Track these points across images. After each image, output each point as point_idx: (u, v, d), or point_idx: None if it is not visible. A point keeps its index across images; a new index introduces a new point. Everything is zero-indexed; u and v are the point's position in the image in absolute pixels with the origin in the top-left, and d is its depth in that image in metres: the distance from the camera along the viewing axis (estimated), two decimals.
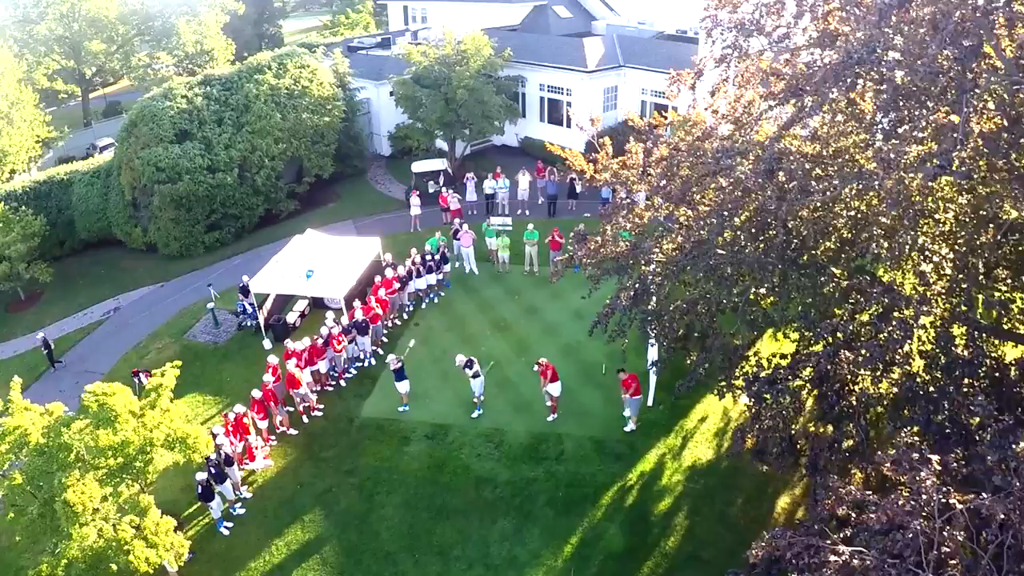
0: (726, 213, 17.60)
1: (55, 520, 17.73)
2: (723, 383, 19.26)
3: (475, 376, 24.89)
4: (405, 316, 31.58)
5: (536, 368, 24.41)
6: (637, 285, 20.08)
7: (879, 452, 13.92)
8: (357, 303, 28.70)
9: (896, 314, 15.55)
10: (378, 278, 30.45)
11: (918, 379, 16.07)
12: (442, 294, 32.94)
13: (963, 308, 16.61)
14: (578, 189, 38.29)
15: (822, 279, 17.78)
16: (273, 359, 26.05)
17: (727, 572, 13.97)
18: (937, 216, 17.51)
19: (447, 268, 33.62)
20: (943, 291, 16.53)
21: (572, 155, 24.10)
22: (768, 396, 17.28)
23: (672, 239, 20.03)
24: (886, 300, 16.15)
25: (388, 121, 48.92)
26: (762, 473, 20.95)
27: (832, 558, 11.65)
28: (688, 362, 20.38)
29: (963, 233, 16.89)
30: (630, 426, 24.01)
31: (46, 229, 38.04)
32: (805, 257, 18.29)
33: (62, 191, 40.50)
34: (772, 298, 18.73)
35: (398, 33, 57.40)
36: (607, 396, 25.24)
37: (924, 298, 15.75)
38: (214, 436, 22.01)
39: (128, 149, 37.91)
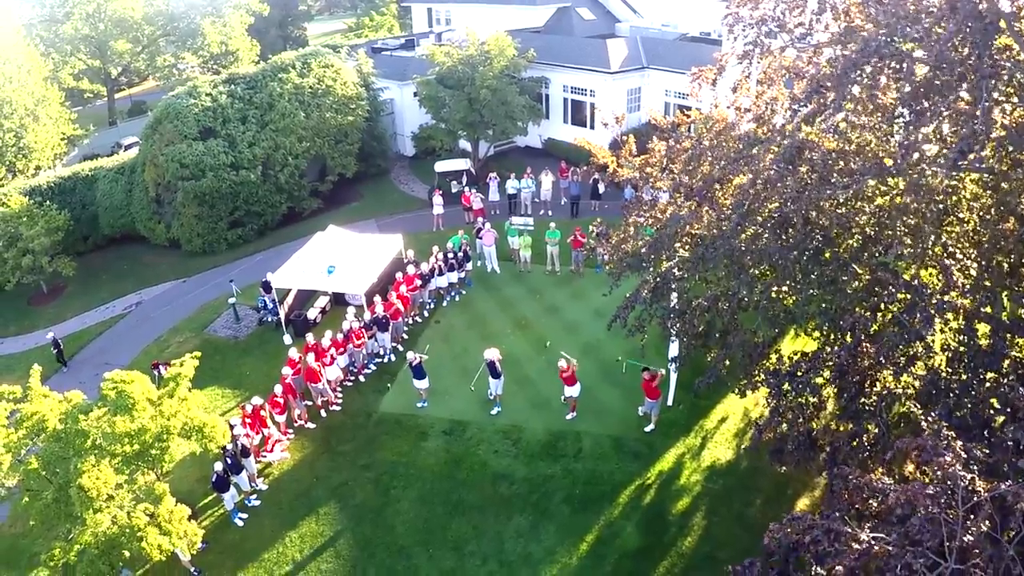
0: (747, 205, 17.29)
1: (69, 506, 17.65)
2: (744, 381, 18.96)
3: (495, 375, 24.73)
4: (426, 314, 31.44)
5: (562, 362, 23.94)
6: (658, 279, 19.83)
7: (901, 440, 13.58)
8: (378, 299, 28.59)
9: (919, 309, 15.24)
10: (399, 275, 30.35)
11: (941, 374, 15.73)
12: (463, 292, 32.79)
13: (988, 308, 16.29)
14: (601, 190, 38.00)
15: (844, 277, 17.45)
16: (293, 352, 25.97)
17: (744, 561, 13.58)
18: (961, 215, 17.22)
19: (469, 266, 33.46)
20: (967, 288, 16.18)
21: (596, 148, 23.94)
22: (788, 389, 16.96)
23: (693, 234, 19.77)
24: (908, 296, 15.86)
25: (412, 122, 48.87)
26: (781, 474, 20.61)
27: (853, 544, 11.34)
28: (708, 359, 20.12)
29: (987, 231, 16.55)
30: (650, 426, 23.71)
31: (70, 224, 38.10)
32: (827, 254, 17.97)
33: (86, 187, 40.61)
34: (794, 296, 18.42)
35: (422, 35, 57.41)
36: (626, 395, 24.97)
37: (947, 291, 15.44)
38: (231, 427, 21.95)
39: (152, 146, 38.03)
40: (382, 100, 48.00)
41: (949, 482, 11.21)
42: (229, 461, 21.54)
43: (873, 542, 11.37)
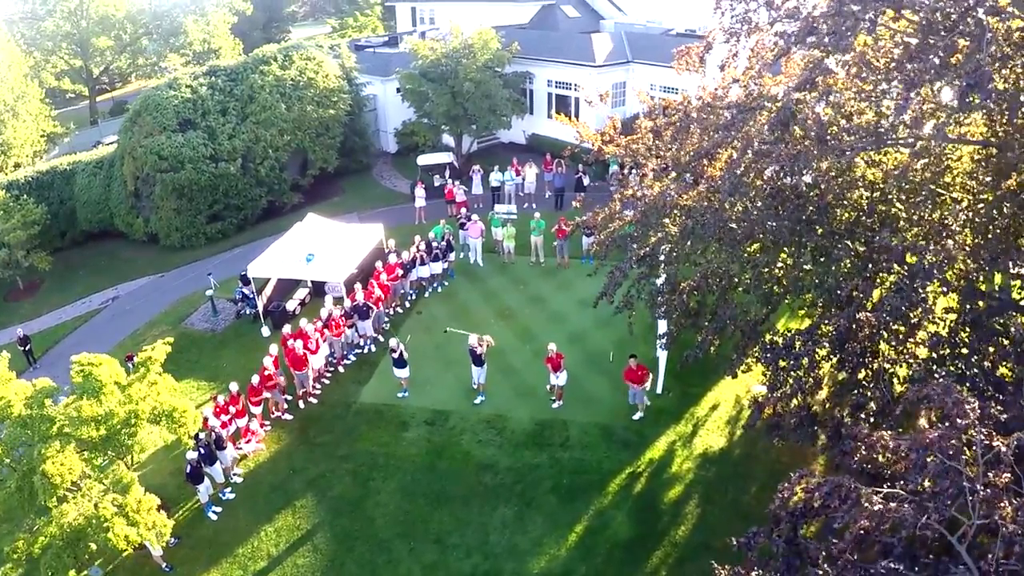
0: (739, 172, 16.20)
1: (33, 495, 16.35)
2: (735, 357, 17.88)
3: (478, 364, 23.57)
4: (407, 304, 30.23)
5: (552, 348, 22.84)
6: (646, 249, 18.76)
7: (911, 390, 12.47)
8: (358, 286, 27.37)
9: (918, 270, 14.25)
10: (380, 264, 29.10)
11: (947, 339, 14.74)
12: (446, 283, 31.60)
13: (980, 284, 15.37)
14: (585, 182, 36.89)
15: (839, 248, 16.42)
16: (274, 347, 24.69)
17: (748, 531, 12.42)
18: (955, 194, 16.33)
19: (452, 257, 32.28)
20: (967, 251, 15.23)
21: (581, 127, 22.94)
22: (785, 362, 15.85)
23: (683, 206, 18.68)
24: (904, 267, 14.89)
25: (394, 118, 47.62)
26: (777, 461, 19.61)
27: (866, 505, 10.18)
28: (699, 339, 18.99)
29: (982, 207, 15.65)
30: (638, 414, 22.56)
31: (47, 218, 36.83)
32: (820, 230, 16.94)
33: (64, 181, 39.30)
34: (787, 270, 17.38)
35: (406, 34, 56.24)
36: (614, 383, 23.75)
37: (945, 261, 14.44)
38: (206, 420, 20.70)
39: (131, 139, 36.71)
40: (365, 95, 46.70)
41: (966, 435, 10.12)
42: (203, 451, 20.23)
43: (888, 500, 10.22)
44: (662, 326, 21.28)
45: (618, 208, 21.36)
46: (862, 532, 10.48)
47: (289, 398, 24.53)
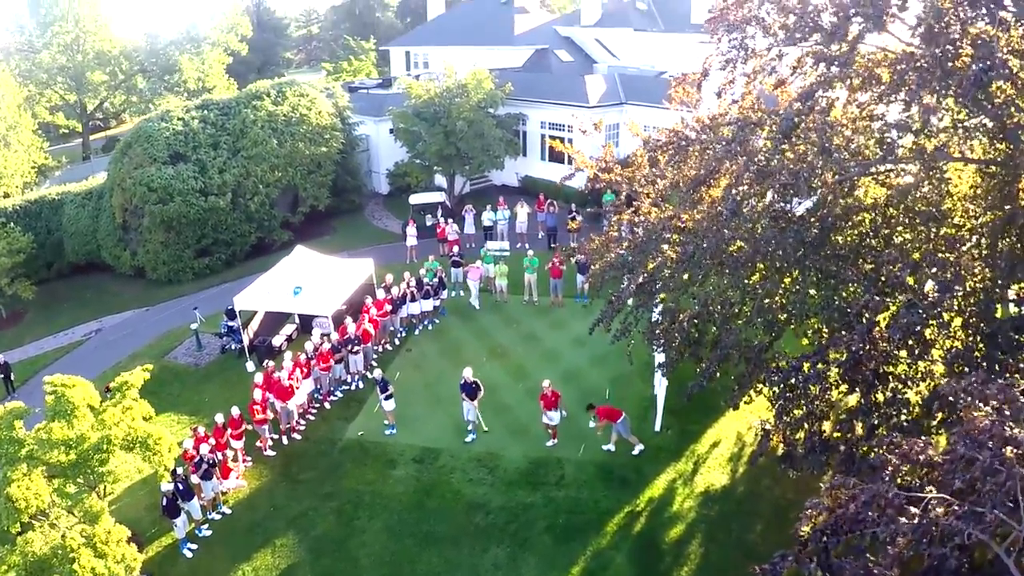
0: (740, 191, 15.43)
1: None
2: (737, 389, 16.89)
3: (470, 396, 22.52)
4: (397, 342, 29.15)
5: (546, 385, 21.81)
6: (644, 274, 17.87)
7: (944, 386, 11.44)
8: (348, 320, 26.35)
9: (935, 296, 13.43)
10: (369, 299, 28.10)
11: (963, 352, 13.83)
12: (436, 321, 30.53)
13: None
14: (578, 223, 36.17)
15: (844, 270, 15.60)
16: (259, 376, 23.57)
17: (774, 556, 11.26)
18: (956, 220, 15.64)
19: (444, 295, 31.32)
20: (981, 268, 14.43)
21: (576, 153, 22.26)
22: (795, 384, 14.85)
23: (681, 228, 17.89)
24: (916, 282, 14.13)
25: (387, 159, 47.08)
26: (783, 497, 18.58)
27: (906, 513, 9.06)
28: (699, 370, 17.99)
29: (985, 227, 14.93)
30: (638, 447, 21.47)
31: (33, 247, 35.90)
32: (824, 252, 16.12)
33: (52, 211, 38.52)
34: (791, 295, 16.48)
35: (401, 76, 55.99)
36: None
37: (966, 268, 13.63)
38: (185, 451, 19.54)
39: (121, 170, 35.94)
40: (357, 135, 46.08)
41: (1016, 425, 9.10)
42: (180, 485, 18.99)
43: (936, 506, 9.14)
44: (660, 357, 20.33)
45: (614, 234, 20.56)
46: (905, 546, 9.36)
47: (275, 437, 23.37)
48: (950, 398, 11.33)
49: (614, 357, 24.91)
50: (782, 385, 15.24)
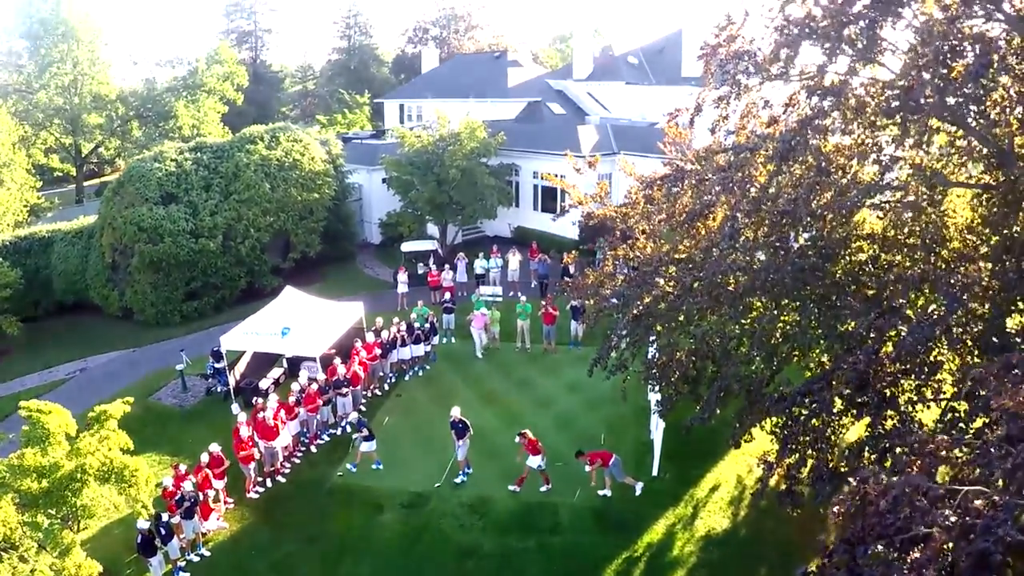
0: (738, 219, 14.94)
1: None
2: (738, 426, 16.14)
3: (460, 435, 21.82)
4: (386, 387, 28.33)
5: (518, 440, 21.25)
6: (640, 307, 17.24)
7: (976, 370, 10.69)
8: (338, 360, 25.59)
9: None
10: (358, 342, 27.34)
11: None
12: (427, 367, 29.75)
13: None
14: (571, 270, 35.65)
15: (845, 295, 15.04)
16: (243, 416, 22.71)
17: (796, 571, 10.38)
18: (951, 244, 15.30)
19: (436, 341, 30.58)
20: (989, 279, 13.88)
21: (570, 187, 21.89)
22: (801, 410, 14.12)
23: (678, 260, 17.35)
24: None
25: (379, 208, 46.70)
26: (787, 541, 17.70)
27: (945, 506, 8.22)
28: (698, 408, 17.23)
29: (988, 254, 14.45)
30: (638, 486, 20.66)
31: (21, 284, 34.99)
32: (824, 280, 15.57)
33: (42, 249, 37.95)
34: (790, 324, 15.87)
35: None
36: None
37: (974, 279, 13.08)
38: (165, 489, 18.59)
39: (112, 208, 35.45)
40: (350, 183, 45.68)
41: None
42: (163, 530, 17.98)
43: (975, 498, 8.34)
44: (655, 397, 19.64)
45: (609, 269, 20.02)
46: (943, 544, 8.51)
47: (260, 480, 22.40)
48: (979, 386, 10.51)
49: (608, 402, 24.29)
50: (785, 414, 14.53)
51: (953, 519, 8.49)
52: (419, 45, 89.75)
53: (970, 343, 14.19)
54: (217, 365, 27.90)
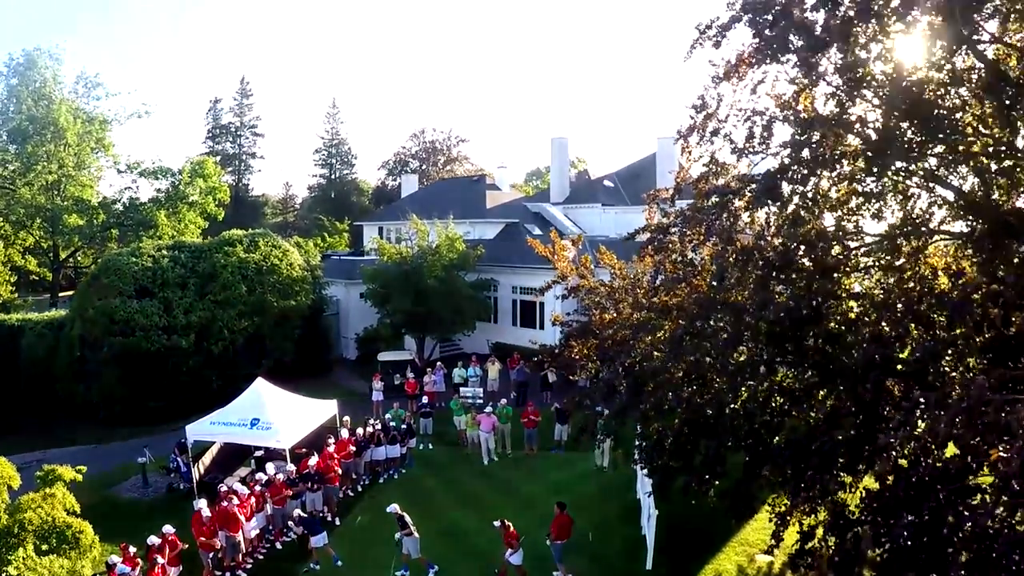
0: (728, 266, 13.97)
1: None
2: (738, 491, 14.52)
3: (407, 534, 20.16)
4: (360, 488, 26.40)
5: (497, 524, 19.60)
6: (631, 360, 16.02)
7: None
8: (306, 451, 23.87)
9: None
10: (331, 440, 25.60)
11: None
12: (403, 471, 27.87)
13: None
14: (551, 379, 34.44)
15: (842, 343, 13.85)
16: (203, 501, 20.78)
17: None
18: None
19: (412, 443, 28.86)
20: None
21: (558, 258, 21.08)
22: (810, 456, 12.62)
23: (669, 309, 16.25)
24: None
25: (356, 323, 45.57)
26: None
27: None
28: (711, 493, 15.48)
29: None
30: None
31: None
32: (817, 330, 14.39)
33: (10, 339, 36.43)
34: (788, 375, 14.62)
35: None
36: (595, 562, 20.18)
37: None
38: (112, 568, 16.56)
39: (85, 301, 34.13)
40: (327, 295, 44.60)
41: None
42: None
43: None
44: (645, 482, 18.09)
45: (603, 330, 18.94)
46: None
47: (217, 573, 20.26)
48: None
49: (596, 503, 22.90)
50: (793, 462, 13.05)
51: None
52: (399, 177, 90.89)
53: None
54: (180, 459, 25.97)
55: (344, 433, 26.40)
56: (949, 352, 12.26)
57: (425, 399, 32.64)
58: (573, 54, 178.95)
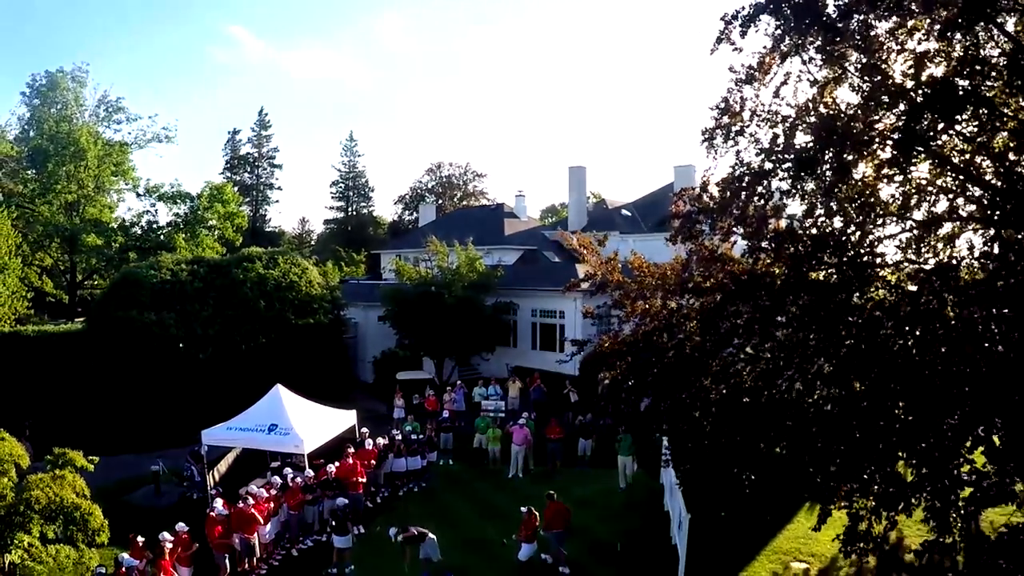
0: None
1: None
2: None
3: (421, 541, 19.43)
4: (379, 500, 25.46)
5: (524, 510, 19.30)
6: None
7: None
8: (330, 462, 23.00)
9: None
10: (350, 448, 24.68)
11: None
12: (424, 484, 26.92)
13: None
14: (572, 399, 33.48)
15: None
16: (219, 501, 19.93)
17: None
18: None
19: (433, 457, 27.93)
20: None
21: (587, 251, 20.33)
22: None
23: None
24: None
25: (374, 347, 44.72)
26: None
27: None
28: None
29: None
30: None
31: None
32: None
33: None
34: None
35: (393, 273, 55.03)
36: (626, 573, 19.21)
37: None
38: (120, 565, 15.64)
39: (103, 311, 33.38)
40: (346, 317, 43.87)
41: None
42: None
43: None
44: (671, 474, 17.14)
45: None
46: None
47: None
48: None
49: (623, 514, 22.02)
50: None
51: None
52: (415, 211, 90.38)
53: None
54: (195, 467, 25.08)
55: (368, 444, 25.55)
56: None
57: (446, 413, 31.75)
58: (589, 88, 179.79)
